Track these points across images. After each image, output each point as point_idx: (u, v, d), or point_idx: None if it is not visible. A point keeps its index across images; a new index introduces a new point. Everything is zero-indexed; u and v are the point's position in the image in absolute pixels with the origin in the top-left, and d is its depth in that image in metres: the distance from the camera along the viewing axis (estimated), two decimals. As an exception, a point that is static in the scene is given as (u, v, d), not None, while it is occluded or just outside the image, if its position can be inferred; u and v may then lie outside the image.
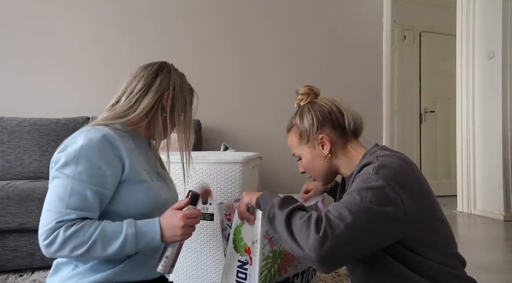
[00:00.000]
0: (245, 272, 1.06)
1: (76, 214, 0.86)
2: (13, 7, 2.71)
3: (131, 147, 0.98)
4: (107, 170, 0.90)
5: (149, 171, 1.02)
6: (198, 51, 3.04)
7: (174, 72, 1.12)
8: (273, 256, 1.06)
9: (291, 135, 1.11)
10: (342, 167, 1.05)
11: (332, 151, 1.04)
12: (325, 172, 1.07)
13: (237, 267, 1.08)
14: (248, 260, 1.06)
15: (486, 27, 3.60)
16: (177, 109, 1.07)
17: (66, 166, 0.88)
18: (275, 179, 3.10)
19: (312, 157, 1.06)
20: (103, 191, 0.90)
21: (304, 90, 1.13)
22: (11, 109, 2.61)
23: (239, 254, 1.08)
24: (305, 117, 1.06)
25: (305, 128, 1.05)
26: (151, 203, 0.98)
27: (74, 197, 0.87)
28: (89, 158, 0.89)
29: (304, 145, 1.07)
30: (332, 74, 3.30)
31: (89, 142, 0.90)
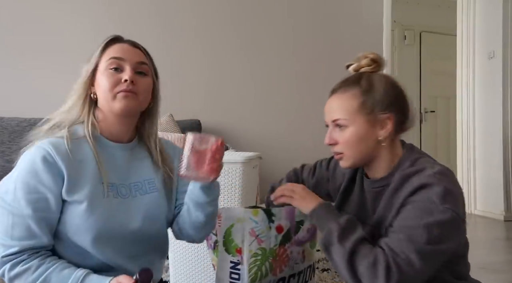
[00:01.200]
0: (238, 272, 1.07)
1: (19, 246, 0.80)
2: (13, 7, 2.71)
3: (84, 157, 0.87)
4: (47, 192, 0.82)
5: (112, 185, 0.89)
6: (198, 51, 3.04)
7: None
8: (262, 254, 1.07)
9: (348, 98, 0.92)
10: (380, 161, 0.93)
11: (387, 137, 0.91)
12: (363, 157, 0.92)
13: (229, 268, 1.08)
14: (240, 260, 1.07)
15: (487, 27, 3.60)
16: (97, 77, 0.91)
17: (7, 193, 0.83)
18: (275, 179, 3.09)
19: (364, 133, 0.90)
20: (48, 215, 0.83)
21: (374, 56, 0.96)
22: (11, 109, 2.61)
23: (230, 255, 1.08)
24: (377, 87, 0.91)
25: (374, 98, 0.90)
26: (95, 227, 0.84)
27: (17, 228, 0.81)
28: (26, 182, 0.82)
29: (363, 116, 0.90)
30: (332, 74, 3.28)
31: (25, 165, 0.83)
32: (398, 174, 0.88)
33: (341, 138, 0.92)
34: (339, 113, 0.92)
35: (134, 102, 0.90)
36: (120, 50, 0.91)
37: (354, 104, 0.90)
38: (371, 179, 0.97)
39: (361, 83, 0.92)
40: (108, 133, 0.93)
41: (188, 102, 2.98)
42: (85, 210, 0.83)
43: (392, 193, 0.87)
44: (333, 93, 0.97)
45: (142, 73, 0.92)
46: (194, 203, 0.93)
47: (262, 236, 1.06)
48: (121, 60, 0.90)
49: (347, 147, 0.91)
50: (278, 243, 1.09)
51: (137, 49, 0.94)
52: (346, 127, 0.91)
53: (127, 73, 0.88)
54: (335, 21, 3.33)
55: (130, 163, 0.95)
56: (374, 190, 0.96)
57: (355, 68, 0.98)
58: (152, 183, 0.96)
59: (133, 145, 0.98)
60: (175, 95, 2.82)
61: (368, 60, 0.96)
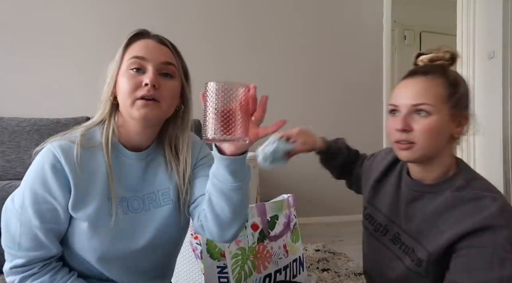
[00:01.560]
0: (226, 276, 1.08)
1: (27, 257, 0.76)
2: (13, 7, 2.71)
3: (95, 167, 0.79)
4: (56, 203, 0.76)
5: (122, 199, 0.82)
6: (198, 51, 3.04)
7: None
8: (242, 253, 1.07)
9: (436, 84, 0.84)
10: (437, 162, 0.86)
11: (458, 137, 0.87)
12: (432, 151, 0.84)
13: (217, 273, 1.09)
14: (226, 264, 1.07)
15: (486, 27, 3.60)
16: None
17: (17, 198, 0.78)
18: (275, 179, 3.10)
19: (444, 126, 0.83)
20: (56, 226, 0.78)
21: (454, 53, 0.90)
22: (12, 109, 2.61)
23: (216, 260, 1.09)
24: (461, 83, 0.86)
25: (459, 92, 0.85)
26: (99, 248, 0.78)
27: (25, 237, 0.76)
28: (34, 191, 0.76)
29: (448, 107, 0.83)
30: (332, 74, 3.29)
31: (35, 171, 0.77)
32: (451, 191, 0.82)
33: (419, 125, 0.82)
34: (425, 97, 0.82)
35: (155, 112, 0.79)
36: (143, 47, 0.80)
37: (442, 92, 0.83)
38: (414, 179, 0.91)
39: (447, 74, 0.85)
40: (127, 140, 0.85)
41: (188, 102, 2.98)
42: (87, 231, 0.78)
43: (440, 213, 0.81)
44: (415, 76, 0.87)
45: (168, 75, 0.82)
46: (218, 190, 0.76)
47: (239, 236, 1.06)
48: (144, 60, 0.79)
49: (424, 136, 0.82)
50: (256, 240, 1.10)
51: (164, 47, 0.83)
52: (429, 115, 0.82)
53: (149, 76, 0.77)
54: (335, 21, 3.33)
55: (145, 173, 0.86)
56: (412, 192, 0.91)
57: (431, 59, 0.91)
58: (167, 194, 0.87)
59: (150, 151, 0.88)
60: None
61: (448, 55, 0.89)
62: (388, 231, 0.95)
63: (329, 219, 3.26)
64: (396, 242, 0.91)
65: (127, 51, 0.81)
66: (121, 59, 0.81)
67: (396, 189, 0.96)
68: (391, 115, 0.88)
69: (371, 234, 1.01)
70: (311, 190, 3.18)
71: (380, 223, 0.98)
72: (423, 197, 0.87)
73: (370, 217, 1.02)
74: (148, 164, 0.87)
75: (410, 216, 0.89)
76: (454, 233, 0.76)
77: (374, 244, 0.99)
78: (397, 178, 0.98)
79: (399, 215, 0.93)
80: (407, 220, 0.90)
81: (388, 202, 0.97)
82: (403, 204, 0.93)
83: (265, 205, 1.13)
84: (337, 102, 3.30)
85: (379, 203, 1.00)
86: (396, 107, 0.87)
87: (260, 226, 1.13)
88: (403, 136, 0.84)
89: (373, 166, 1.09)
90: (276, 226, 1.16)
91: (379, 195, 1.01)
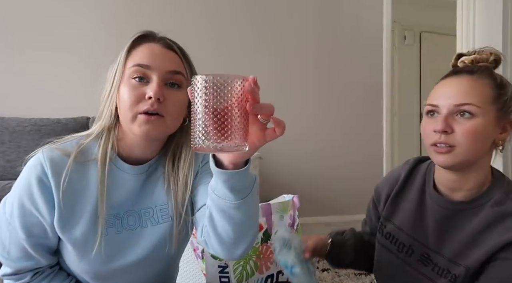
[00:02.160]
0: (227, 275, 1.08)
1: (15, 267, 0.73)
2: (13, 7, 2.71)
3: (86, 184, 0.72)
4: (42, 219, 0.71)
5: (115, 217, 0.74)
6: (198, 51, 3.04)
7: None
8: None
9: (483, 84, 0.77)
10: (474, 172, 0.80)
11: (502, 144, 0.81)
12: (473, 157, 0.78)
13: (218, 273, 1.09)
14: (227, 264, 1.07)
15: (487, 27, 3.60)
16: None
17: (8, 205, 0.73)
18: (275, 179, 3.10)
19: (489, 130, 0.76)
20: (44, 241, 0.72)
21: (499, 56, 0.83)
22: (12, 109, 2.61)
23: (217, 260, 1.09)
24: (508, 86, 0.80)
25: (507, 95, 0.78)
26: (90, 270, 0.73)
27: (14, 247, 0.72)
28: (21, 203, 0.71)
29: (494, 110, 0.76)
30: (332, 74, 3.29)
31: (23, 180, 0.71)
32: (490, 206, 0.77)
33: (462, 127, 0.75)
34: (472, 97, 0.75)
35: (158, 128, 0.69)
36: (148, 53, 0.70)
37: (489, 93, 0.76)
38: (443, 194, 0.84)
39: (495, 76, 0.79)
40: (127, 154, 0.76)
41: (188, 102, 2.98)
42: (75, 254, 0.72)
43: (482, 231, 0.76)
44: (459, 75, 0.80)
45: (175, 85, 0.72)
46: (217, 207, 0.64)
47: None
48: (148, 68, 0.69)
49: (466, 139, 0.75)
50: (260, 241, 1.10)
51: (171, 52, 0.74)
52: (473, 117, 0.75)
53: (153, 88, 0.67)
54: (335, 21, 3.33)
55: (143, 187, 0.78)
56: (442, 210, 0.84)
57: (473, 60, 0.83)
58: (165, 210, 0.79)
59: (151, 163, 0.79)
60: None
61: (492, 57, 0.82)
62: (414, 251, 0.88)
63: (329, 219, 3.26)
64: (426, 263, 0.85)
65: (130, 56, 0.71)
66: (123, 66, 0.71)
67: (419, 205, 0.89)
68: (428, 117, 0.81)
69: (394, 255, 0.92)
70: (311, 190, 3.17)
71: (403, 243, 0.90)
72: (458, 215, 0.81)
73: (391, 236, 0.93)
74: (147, 177, 0.79)
75: (443, 236, 0.83)
76: (494, 245, 0.73)
77: (398, 265, 0.90)
78: (419, 193, 0.90)
79: (426, 234, 0.86)
80: (439, 240, 0.83)
81: (411, 220, 0.89)
82: (431, 222, 0.85)
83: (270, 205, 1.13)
84: (337, 102, 3.30)
85: (399, 221, 0.92)
86: (435, 108, 0.79)
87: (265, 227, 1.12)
88: (442, 138, 0.77)
89: (388, 181, 0.99)
90: None
91: (398, 212, 0.93)
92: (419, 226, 0.88)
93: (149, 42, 0.72)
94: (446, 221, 0.83)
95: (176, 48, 0.75)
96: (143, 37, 0.73)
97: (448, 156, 0.77)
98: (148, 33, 0.74)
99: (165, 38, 0.75)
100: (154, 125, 0.68)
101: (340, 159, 3.27)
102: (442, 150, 0.77)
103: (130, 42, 0.72)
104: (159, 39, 0.74)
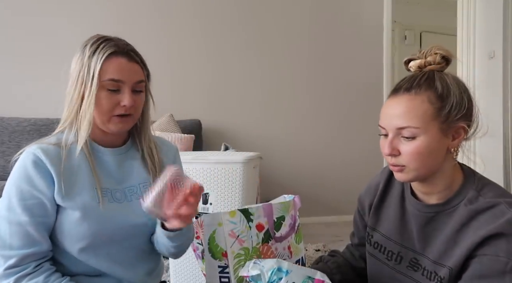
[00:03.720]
0: (227, 276, 1.07)
1: (19, 255, 0.78)
2: (13, 7, 2.71)
3: (75, 162, 0.85)
4: (42, 196, 0.81)
5: (106, 190, 0.87)
6: (199, 51, 3.04)
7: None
8: (246, 254, 1.07)
9: (421, 102, 0.77)
10: (440, 177, 0.82)
11: (457, 149, 0.81)
12: (428, 171, 0.80)
13: (218, 273, 1.09)
14: (227, 263, 1.07)
15: (487, 27, 3.60)
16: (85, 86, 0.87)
17: (1, 202, 0.81)
18: (275, 179, 3.10)
19: (435, 145, 0.77)
20: (45, 220, 0.81)
21: (446, 53, 0.80)
22: (12, 109, 2.62)
23: (217, 260, 1.08)
24: (453, 90, 0.78)
25: (450, 103, 0.77)
26: (88, 234, 0.82)
27: (16, 236, 0.79)
28: (20, 189, 0.80)
29: (437, 124, 0.77)
30: (332, 74, 3.29)
31: (17, 172, 0.82)
32: (464, 205, 0.79)
33: (406, 148, 0.77)
34: (408, 119, 0.76)
35: (129, 124, 0.89)
36: (118, 69, 0.85)
37: (428, 110, 0.76)
38: (422, 201, 0.86)
39: (436, 85, 0.78)
40: (100, 139, 0.91)
41: (189, 102, 2.99)
42: (78, 218, 0.82)
43: (458, 230, 0.78)
44: (398, 94, 0.81)
45: (139, 90, 0.89)
46: (158, 236, 0.91)
47: (243, 236, 1.06)
48: (120, 81, 0.85)
49: (413, 159, 0.77)
50: (261, 241, 1.10)
51: (135, 64, 0.88)
52: (415, 138, 0.77)
53: (126, 98, 0.84)
54: (335, 21, 3.33)
55: (122, 167, 0.93)
56: (423, 215, 0.86)
57: (420, 65, 0.82)
58: (147, 186, 0.92)
59: (126, 148, 0.96)
60: (175, 95, 2.82)
61: (438, 58, 0.80)
62: (403, 258, 0.89)
63: (329, 219, 3.26)
64: (416, 268, 0.86)
65: (102, 68, 0.84)
66: (98, 76, 0.84)
67: (401, 212, 0.91)
68: (382, 136, 0.84)
69: (384, 263, 0.93)
70: (311, 190, 3.18)
71: (392, 251, 0.91)
72: (436, 218, 0.83)
73: (379, 245, 0.95)
74: (125, 159, 0.94)
75: (426, 239, 0.85)
76: (471, 243, 0.75)
77: (390, 273, 0.91)
78: (399, 200, 0.92)
79: (412, 239, 0.88)
80: (424, 244, 0.85)
81: (396, 227, 0.91)
82: (415, 227, 0.87)
83: (271, 205, 1.13)
84: (337, 102, 3.30)
85: (384, 229, 0.94)
86: (383, 130, 0.82)
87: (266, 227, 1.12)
88: (392, 160, 0.80)
89: (369, 191, 1.03)
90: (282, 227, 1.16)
91: (382, 220, 0.96)
92: (404, 232, 0.89)
93: (116, 56, 0.86)
94: (427, 225, 0.85)
95: (137, 58, 0.89)
96: (112, 52, 0.86)
97: (402, 174, 0.80)
98: (115, 49, 0.86)
99: (127, 51, 0.87)
100: (126, 123, 0.88)
101: (340, 159, 3.27)
102: (395, 169, 0.81)
103: (103, 58, 0.85)
104: (123, 53, 0.87)
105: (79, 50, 0.91)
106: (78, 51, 0.91)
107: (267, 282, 0.84)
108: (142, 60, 0.91)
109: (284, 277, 0.84)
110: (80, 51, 0.91)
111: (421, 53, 0.83)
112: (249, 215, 1.07)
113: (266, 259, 0.93)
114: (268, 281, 0.83)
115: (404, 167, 0.79)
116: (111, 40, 0.88)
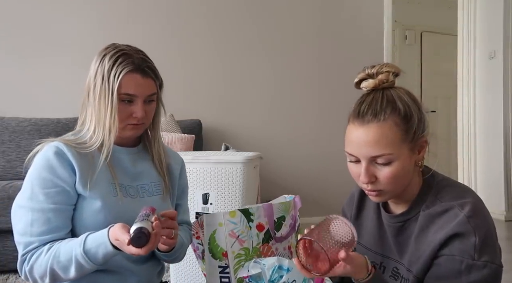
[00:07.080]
0: (228, 276, 1.07)
1: (38, 241, 0.83)
2: (13, 6, 2.71)
3: (93, 158, 0.90)
4: (65, 185, 0.86)
5: (121, 185, 0.93)
6: (198, 51, 3.04)
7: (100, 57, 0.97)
8: (246, 254, 1.07)
9: (389, 128, 0.77)
10: (409, 189, 0.84)
11: (421, 164, 0.83)
12: (402, 189, 0.82)
13: (219, 273, 1.08)
14: (227, 263, 1.07)
15: (487, 27, 3.59)
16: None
17: (24, 193, 0.86)
18: (276, 179, 3.09)
19: (408, 164, 0.79)
20: (67, 207, 0.86)
21: (395, 69, 0.82)
22: (12, 109, 2.61)
23: (218, 260, 1.08)
24: (412, 107, 0.80)
25: (413, 121, 0.79)
26: (105, 223, 0.86)
27: (36, 224, 0.83)
28: (42, 177, 0.85)
29: (407, 145, 0.78)
30: (333, 74, 3.29)
31: (40, 162, 0.87)
32: (423, 212, 0.81)
33: (383, 174, 0.78)
34: (381, 148, 0.77)
35: (142, 130, 0.97)
36: (133, 85, 0.90)
37: (397, 134, 0.77)
38: (389, 213, 0.89)
39: (398, 106, 0.79)
40: (116, 140, 0.95)
41: (189, 102, 2.99)
42: (98, 207, 0.87)
43: (417, 236, 0.81)
44: (364, 121, 0.79)
45: (151, 101, 0.95)
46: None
47: (243, 236, 1.06)
48: (134, 96, 0.91)
49: (390, 183, 0.79)
50: (261, 241, 1.09)
51: (148, 80, 0.93)
52: (391, 163, 0.77)
53: (139, 110, 0.91)
54: (335, 21, 3.33)
55: (136, 166, 0.99)
56: (394, 225, 0.88)
57: (375, 86, 0.83)
58: (158, 185, 1.00)
59: (138, 149, 1.02)
60: (176, 95, 2.82)
61: (389, 75, 0.82)
62: (386, 267, 0.91)
63: (329, 219, 3.26)
64: (396, 277, 0.88)
65: (117, 83, 0.89)
66: (118, 90, 0.89)
67: (377, 223, 0.93)
68: (351, 162, 0.83)
69: None
70: (311, 189, 3.17)
71: (375, 262, 0.92)
72: (406, 226, 0.85)
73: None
74: (138, 159, 1.00)
75: (402, 247, 0.87)
76: (431, 249, 0.77)
77: None
78: (375, 211, 0.94)
79: (391, 249, 0.90)
80: (400, 253, 0.87)
81: (376, 238, 0.93)
82: (390, 238, 0.90)
83: (272, 205, 1.12)
84: (338, 102, 3.29)
85: (365, 240, 0.96)
86: (352, 157, 0.82)
87: (266, 227, 1.12)
88: (369, 187, 0.81)
89: (348, 202, 1.06)
90: (283, 227, 1.15)
91: (362, 232, 0.97)
92: (383, 242, 0.92)
93: (131, 73, 0.90)
94: (400, 234, 0.87)
95: (150, 73, 0.93)
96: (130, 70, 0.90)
97: (379, 197, 0.83)
98: (133, 68, 0.90)
99: (142, 66, 0.91)
100: (139, 130, 0.96)
101: (341, 159, 3.25)
102: (373, 193, 0.82)
103: (121, 75, 0.89)
104: (138, 70, 0.91)
105: (98, 57, 0.95)
106: (96, 59, 0.95)
107: (268, 280, 0.84)
108: (156, 74, 0.96)
109: (285, 275, 0.84)
110: (99, 60, 0.94)
111: (370, 72, 0.84)
112: (250, 215, 1.07)
113: (267, 257, 0.93)
114: (269, 279, 0.84)
115: (381, 190, 0.80)
116: (129, 56, 0.91)
